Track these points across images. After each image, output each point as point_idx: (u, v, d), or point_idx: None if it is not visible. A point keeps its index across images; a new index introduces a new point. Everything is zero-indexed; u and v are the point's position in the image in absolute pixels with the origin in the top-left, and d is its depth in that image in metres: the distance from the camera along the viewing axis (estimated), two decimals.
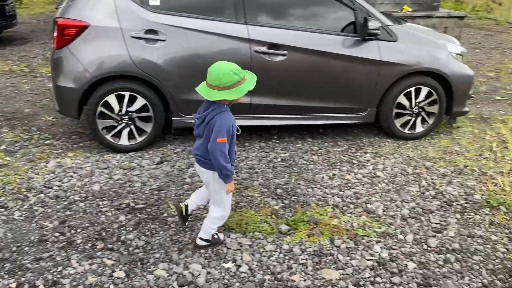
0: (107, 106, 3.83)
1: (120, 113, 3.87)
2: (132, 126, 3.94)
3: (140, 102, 3.86)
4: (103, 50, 3.74)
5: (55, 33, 3.77)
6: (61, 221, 2.98)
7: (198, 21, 3.85)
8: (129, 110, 3.87)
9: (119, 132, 3.94)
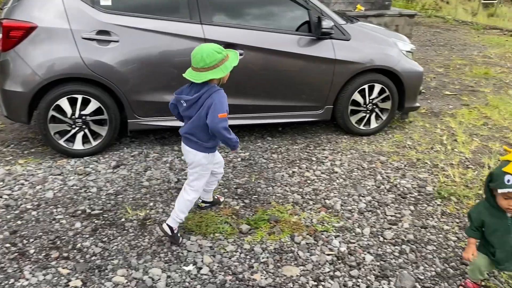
0: (59, 110, 3.70)
1: (73, 117, 3.74)
2: (86, 130, 3.82)
3: (93, 105, 3.75)
4: (53, 52, 3.60)
5: (0, 35, 3.61)
6: (12, 231, 2.85)
7: (151, 21, 3.78)
8: (82, 113, 3.75)
9: (73, 136, 3.82)
